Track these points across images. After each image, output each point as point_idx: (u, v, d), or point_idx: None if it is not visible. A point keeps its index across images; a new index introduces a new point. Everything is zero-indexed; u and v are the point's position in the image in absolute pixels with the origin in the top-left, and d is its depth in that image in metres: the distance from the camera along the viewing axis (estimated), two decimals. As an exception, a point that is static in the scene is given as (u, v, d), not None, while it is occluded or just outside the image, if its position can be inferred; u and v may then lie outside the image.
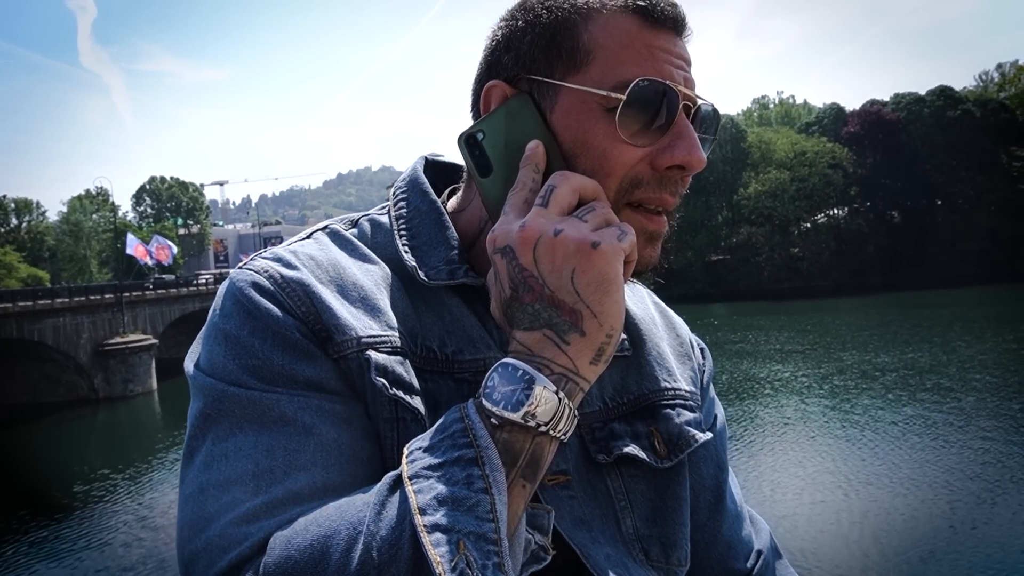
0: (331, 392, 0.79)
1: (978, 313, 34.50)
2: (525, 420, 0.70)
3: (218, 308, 0.83)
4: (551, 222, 0.74)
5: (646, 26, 0.83)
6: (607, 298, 0.73)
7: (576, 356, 0.73)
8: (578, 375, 0.73)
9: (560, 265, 0.72)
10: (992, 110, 60.41)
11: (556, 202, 0.76)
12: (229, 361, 0.79)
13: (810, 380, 21.65)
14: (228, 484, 0.73)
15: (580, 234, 0.73)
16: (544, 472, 0.73)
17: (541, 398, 0.70)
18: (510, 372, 0.72)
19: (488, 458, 0.68)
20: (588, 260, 0.72)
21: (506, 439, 0.70)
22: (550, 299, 0.73)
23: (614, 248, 0.73)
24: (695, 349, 1.11)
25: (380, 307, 0.84)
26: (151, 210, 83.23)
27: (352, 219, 0.96)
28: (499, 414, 0.70)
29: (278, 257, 0.86)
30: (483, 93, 0.87)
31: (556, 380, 0.72)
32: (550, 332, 0.73)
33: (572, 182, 0.78)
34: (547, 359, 0.72)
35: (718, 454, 1.05)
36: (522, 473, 0.71)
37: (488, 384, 0.72)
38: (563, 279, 0.72)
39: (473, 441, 0.69)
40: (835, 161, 59.05)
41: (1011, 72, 68.67)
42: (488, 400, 0.71)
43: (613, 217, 0.77)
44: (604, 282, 0.72)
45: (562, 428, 0.72)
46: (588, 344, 0.73)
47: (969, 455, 13.59)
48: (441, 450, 0.69)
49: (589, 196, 0.79)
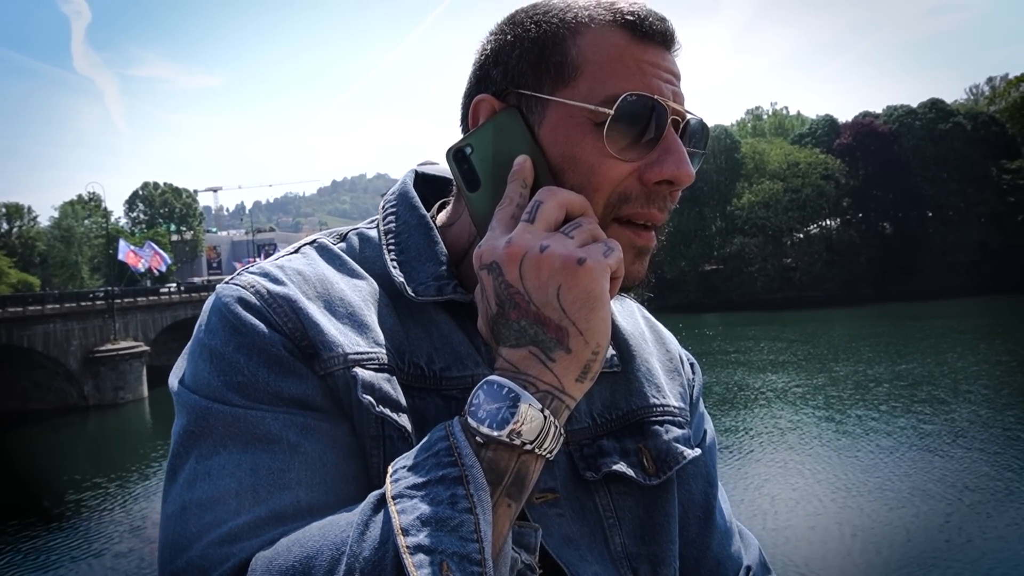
0: (317, 409, 0.78)
1: (969, 324, 34.62)
2: (510, 438, 0.69)
3: (203, 324, 0.82)
4: (537, 238, 0.74)
5: (635, 41, 0.82)
6: (593, 315, 0.72)
7: (562, 373, 0.72)
8: (564, 393, 0.73)
9: (546, 282, 0.72)
10: (982, 123, 60.84)
11: (543, 218, 0.76)
12: (214, 378, 0.78)
13: (803, 391, 21.67)
14: (211, 503, 0.72)
15: (566, 250, 0.72)
16: (530, 490, 0.73)
17: (526, 416, 0.70)
18: (495, 390, 0.71)
19: (473, 477, 0.67)
20: (574, 277, 0.71)
21: (491, 457, 0.69)
22: (536, 316, 0.72)
23: (600, 264, 0.73)
24: (685, 364, 1.10)
25: (367, 323, 0.83)
26: (144, 216, 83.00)
27: (341, 233, 0.96)
28: (484, 432, 0.69)
29: (265, 272, 0.85)
30: (471, 107, 0.87)
31: (542, 398, 0.72)
32: (536, 349, 0.72)
33: (559, 197, 0.78)
34: (533, 376, 0.72)
35: (708, 470, 1.05)
36: (507, 492, 0.70)
37: (473, 402, 0.72)
38: (549, 296, 0.72)
39: (458, 460, 0.68)
40: (828, 172, 59.31)
41: (1001, 86, 69.37)
42: (473, 418, 0.71)
43: (600, 233, 0.77)
44: (590, 299, 0.72)
45: (548, 446, 0.72)
46: (574, 361, 0.72)
47: (964, 467, 13.60)
48: (425, 469, 0.68)
49: (576, 211, 0.79)
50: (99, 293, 33.13)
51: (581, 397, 0.75)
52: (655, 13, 0.85)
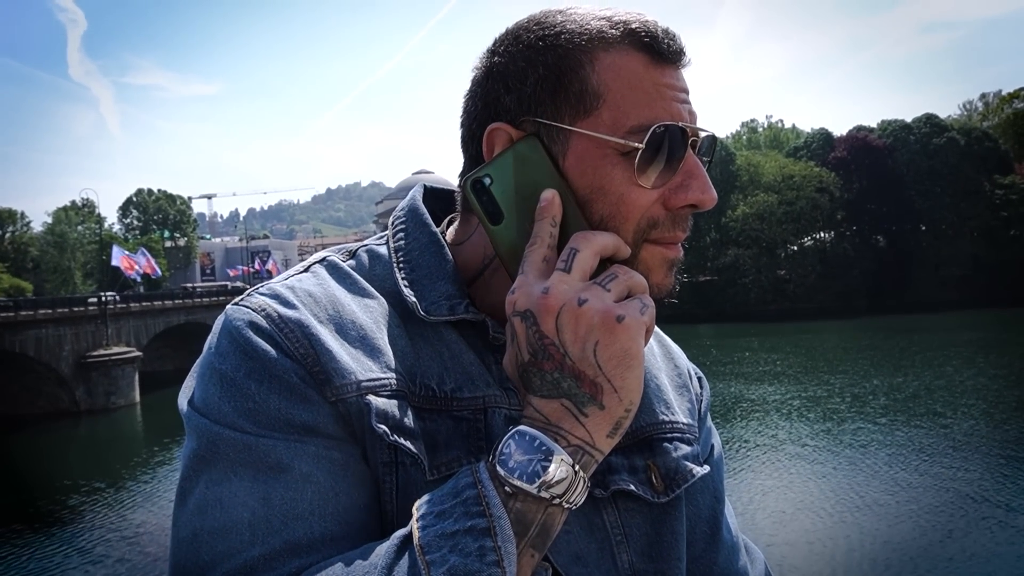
0: (328, 437, 0.77)
1: (964, 338, 34.65)
2: (539, 491, 0.69)
3: (213, 345, 0.81)
4: (574, 289, 0.73)
5: (652, 64, 0.81)
6: (629, 373, 0.72)
7: (594, 429, 0.72)
8: (594, 447, 0.72)
9: (584, 337, 0.71)
10: (976, 138, 61.15)
11: (579, 267, 0.75)
12: (224, 403, 0.77)
13: (799, 403, 21.66)
14: (224, 532, 0.72)
15: (604, 306, 0.72)
16: (552, 540, 0.73)
17: (558, 471, 0.70)
18: (527, 441, 0.71)
19: (501, 529, 0.67)
20: (612, 334, 0.71)
21: (519, 509, 0.69)
22: (571, 370, 0.72)
23: (638, 322, 0.72)
24: (693, 379, 1.10)
25: (379, 346, 0.83)
26: (137, 222, 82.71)
27: (350, 250, 0.95)
28: (514, 483, 0.69)
29: (276, 294, 0.84)
30: (486, 136, 0.84)
31: (573, 452, 0.71)
32: (568, 403, 0.72)
33: (594, 244, 0.77)
34: (564, 430, 0.72)
35: (715, 485, 1.04)
36: (532, 543, 0.70)
37: (504, 451, 0.71)
38: (586, 351, 0.71)
39: (486, 510, 0.68)
40: (822, 185, 59.52)
41: (994, 102, 69.85)
42: (503, 467, 0.70)
43: (635, 283, 0.76)
44: (627, 357, 0.71)
45: (575, 499, 0.72)
46: (607, 418, 0.72)
47: (964, 482, 13.53)
48: (454, 518, 0.68)
49: (609, 253, 0.78)
50: (93, 298, 32.98)
51: (609, 451, 0.75)
52: (667, 31, 0.83)
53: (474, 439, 0.82)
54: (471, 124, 0.87)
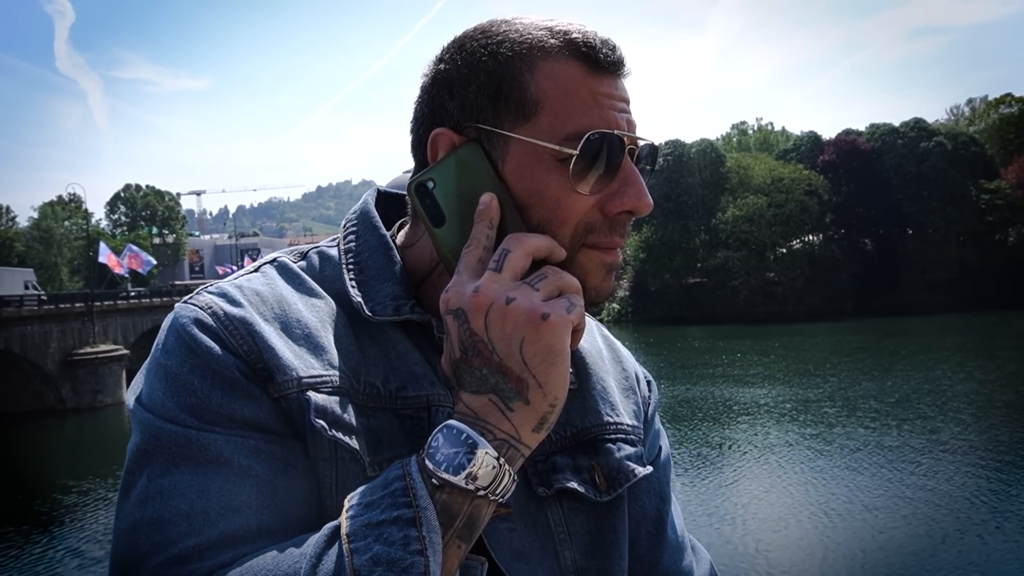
0: (270, 432, 0.79)
1: (951, 341, 34.84)
2: (466, 483, 0.71)
3: (161, 343, 0.84)
4: (504, 289, 0.76)
5: (590, 73, 0.84)
6: (553, 369, 0.74)
7: (519, 423, 0.75)
8: (520, 442, 0.75)
9: (510, 334, 0.74)
10: (963, 143, 61.57)
11: (509, 267, 0.77)
12: (168, 398, 0.79)
13: (787, 405, 21.67)
14: (161, 523, 0.74)
15: (531, 304, 0.74)
16: (480, 531, 0.75)
17: (482, 463, 0.72)
18: (454, 435, 0.73)
19: (426, 519, 0.69)
20: (537, 331, 0.74)
21: (445, 500, 0.71)
22: (498, 366, 0.74)
23: (563, 320, 0.75)
24: (641, 382, 1.12)
25: (323, 345, 0.85)
26: (125, 218, 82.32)
27: (302, 251, 0.97)
28: (441, 476, 0.71)
29: (223, 292, 0.86)
30: (430, 141, 0.87)
31: (498, 446, 0.74)
32: (496, 398, 0.75)
33: (526, 246, 0.79)
34: (491, 424, 0.74)
35: (660, 486, 1.07)
36: (458, 534, 0.72)
37: (432, 444, 0.73)
38: (512, 348, 0.74)
39: (413, 501, 0.70)
40: (811, 188, 59.78)
41: (981, 107, 70.40)
42: (431, 460, 0.72)
43: (565, 283, 0.79)
44: (551, 353, 0.74)
45: (500, 491, 0.74)
46: (532, 413, 0.75)
47: (955, 486, 13.51)
48: (381, 508, 0.70)
49: (542, 254, 0.81)
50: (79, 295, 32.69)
51: (535, 447, 0.77)
52: (607, 42, 0.86)
53: (418, 437, 0.83)
54: (418, 129, 0.90)
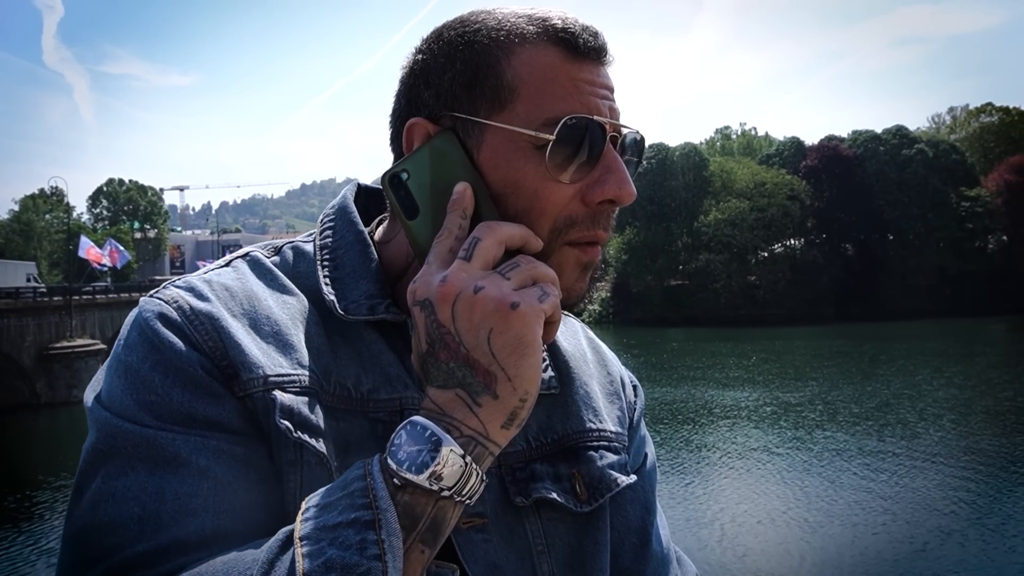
0: (232, 433, 0.75)
1: (931, 347, 35.13)
2: (429, 483, 0.67)
3: (123, 338, 0.80)
4: (472, 278, 0.72)
5: (569, 58, 0.81)
6: (523, 361, 0.70)
7: (487, 419, 0.71)
8: (488, 439, 0.71)
9: (477, 324, 0.70)
10: (943, 151, 62.20)
11: (480, 256, 0.74)
12: (127, 396, 0.76)
13: (771, 409, 21.71)
14: (111, 527, 0.70)
15: (500, 293, 0.71)
16: (446, 535, 0.71)
17: (447, 461, 0.68)
18: (418, 431, 0.69)
19: (386, 522, 0.65)
20: (506, 321, 0.70)
21: (407, 502, 0.67)
22: (465, 358, 0.71)
23: (534, 310, 0.71)
24: (626, 387, 1.08)
25: (293, 343, 0.81)
26: (107, 212, 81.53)
27: (276, 246, 0.93)
28: (403, 475, 0.67)
29: (191, 286, 0.82)
30: (405, 131, 0.85)
31: (464, 443, 0.70)
32: (463, 392, 0.71)
33: (498, 234, 0.76)
34: (457, 420, 0.70)
35: (645, 496, 1.02)
36: (421, 537, 0.68)
37: (395, 442, 0.69)
38: (479, 339, 0.70)
39: (372, 502, 0.65)
40: (793, 193, 60.17)
41: (962, 116, 71.38)
42: (393, 459, 0.68)
43: (539, 272, 0.75)
44: (521, 345, 0.70)
45: (467, 492, 0.69)
46: (500, 408, 0.71)
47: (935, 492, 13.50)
48: (338, 510, 0.66)
49: (516, 244, 0.77)
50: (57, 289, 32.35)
51: (506, 444, 0.73)
52: (588, 28, 0.83)
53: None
54: (396, 121, 0.88)
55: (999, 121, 67.13)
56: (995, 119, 67.60)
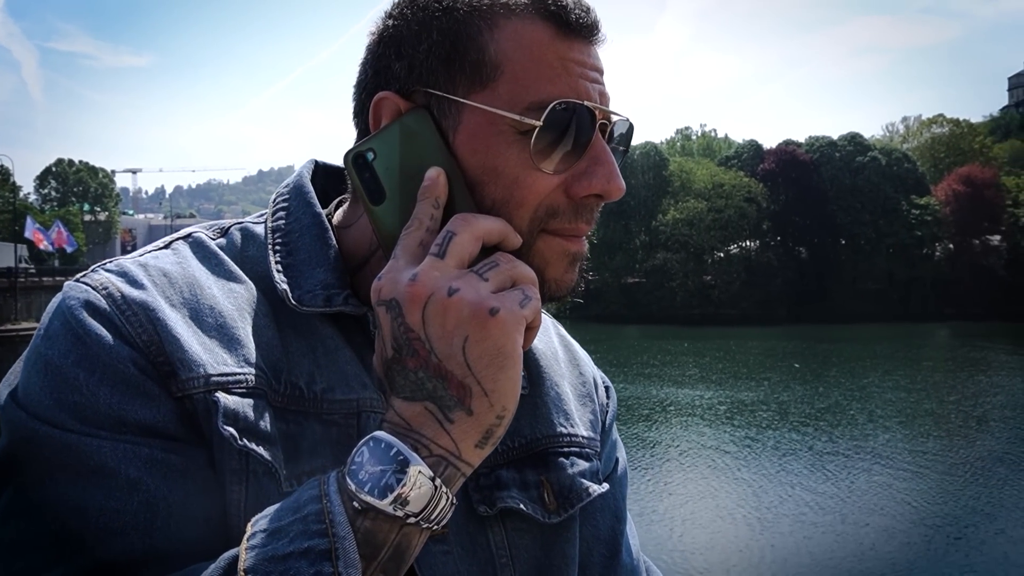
0: (167, 438, 0.67)
1: (880, 350, 35.94)
2: (394, 508, 0.60)
3: (43, 328, 0.71)
4: (446, 278, 0.65)
5: (559, 36, 0.74)
6: (501, 374, 0.63)
7: (460, 438, 0.64)
8: (460, 459, 0.64)
9: (452, 331, 0.63)
10: (896, 159, 63.66)
11: (454, 252, 0.66)
12: (46, 395, 0.67)
13: (724, 408, 21.94)
14: (24, 547, 0.62)
15: (477, 296, 0.64)
16: (409, 564, 0.64)
17: (415, 483, 0.61)
18: (382, 449, 0.62)
19: (344, 551, 0.58)
20: (483, 329, 0.63)
21: (368, 528, 0.60)
22: (436, 368, 0.63)
23: (514, 316, 0.64)
24: (599, 388, 1.02)
25: (239, 337, 0.73)
26: (56, 193, 79.07)
27: (222, 227, 0.85)
28: (363, 499, 0.60)
29: (123, 271, 0.74)
30: (372, 106, 0.77)
31: (434, 464, 0.63)
32: (432, 406, 0.64)
33: (475, 228, 0.68)
34: (426, 438, 0.63)
35: (616, 504, 0.96)
36: (383, 567, 0.61)
37: (356, 459, 0.62)
38: (453, 347, 0.63)
39: (329, 529, 0.59)
40: (750, 195, 61.01)
41: (915, 126, 73.31)
42: (353, 479, 0.61)
43: (519, 273, 0.68)
44: (500, 355, 0.63)
45: (436, 518, 0.63)
46: (475, 425, 0.64)
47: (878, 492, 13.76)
48: (289, 537, 0.59)
49: (494, 241, 0.70)
50: (2, 270, 31.43)
51: (478, 465, 0.66)
52: (579, 2, 0.76)
53: (345, 448, 0.69)
54: (361, 94, 0.80)
55: (949, 132, 69.11)
56: (946, 130, 69.59)
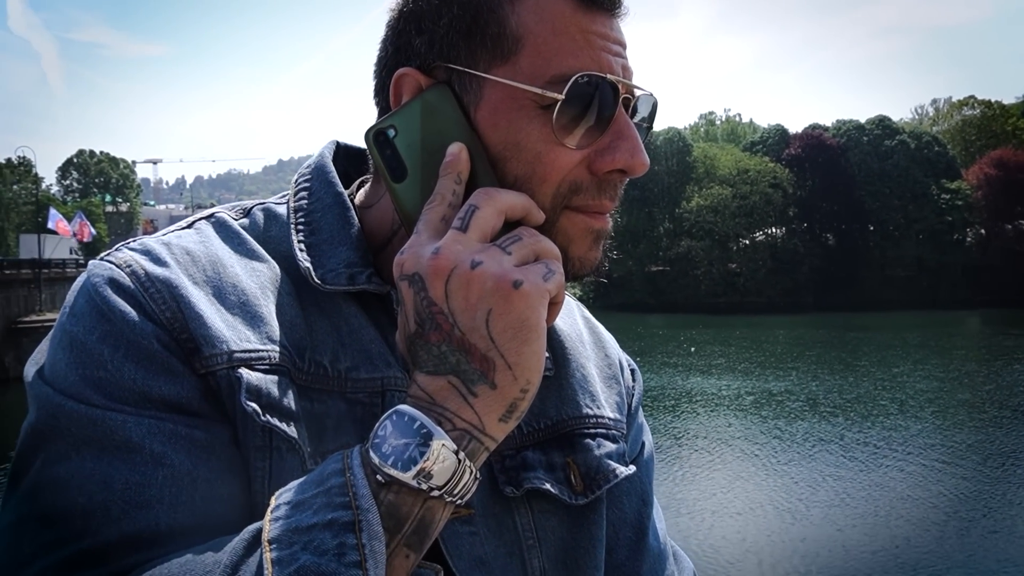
0: (192, 414, 0.68)
1: (910, 339, 35.24)
2: (417, 482, 0.60)
3: (69, 305, 0.72)
4: (469, 251, 0.65)
5: (580, 8, 0.73)
6: (525, 347, 0.63)
7: (484, 411, 0.64)
8: (484, 433, 0.64)
9: (475, 304, 0.63)
10: (926, 143, 62.44)
11: (477, 226, 0.67)
12: (72, 371, 0.68)
13: (752, 398, 21.52)
14: (53, 519, 0.63)
15: (501, 269, 0.64)
16: (433, 538, 0.64)
17: (438, 457, 0.61)
18: (406, 423, 0.62)
19: (367, 523, 0.58)
20: (507, 302, 0.63)
21: (392, 501, 0.61)
22: (460, 342, 0.63)
23: (538, 289, 0.64)
24: (625, 370, 1.02)
25: (262, 315, 0.74)
26: (78, 184, 79.96)
27: (245, 207, 0.85)
28: (387, 472, 0.61)
29: (147, 249, 0.74)
30: (393, 83, 0.77)
31: (458, 437, 0.63)
32: (456, 380, 0.64)
33: (497, 202, 0.69)
34: (450, 411, 0.63)
35: (643, 487, 0.96)
36: (407, 541, 0.61)
37: (379, 433, 0.62)
38: (477, 321, 0.63)
39: (352, 501, 0.59)
40: (776, 181, 60.13)
41: (945, 108, 71.75)
42: (376, 452, 0.61)
43: (542, 247, 0.68)
44: (524, 328, 0.63)
45: (459, 492, 0.63)
46: (499, 399, 0.64)
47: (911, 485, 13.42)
48: (313, 509, 0.59)
49: (517, 215, 0.70)
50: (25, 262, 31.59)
51: (503, 439, 0.66)
52: None
53: (369, 426, 0.68)
54: (381, 71, 0.80)
55: (981, 114, 67.52)
56: (977, 112, 68.00)
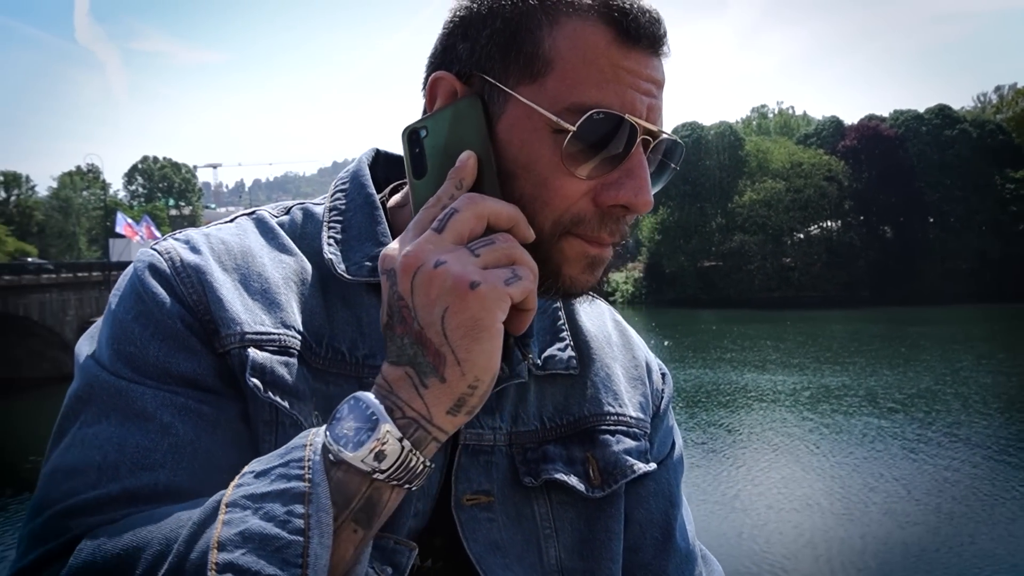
0: (204, 390, 0.74)
1: (974, 333, 34.37)
2: (362, 464, 0.64)
3: (117, 288, 0.81)
4: (437, 251, 0.67)
5: (616, 41, 0.73)
6: (476, 345, 0.65)
7: (432, 403, 0.66)
8: (431, 423, 0.67)
9: (434, 300, 0.66)
10: (989, 132, 60.71)
11: (453, 228, 0.69)
12: (108, 346, 0.76)
13: (809, 394, 21.34)
14: (74, 472, 0.70)
15: (461, 271, 0.66)
16: (384, 519, 0.67)
17: (384, 442, 0.64)
18: (361, 408, 0.66)
19: (316, 496, 0.62)
20: (463, 301, 0.65)
21: (340, 479, 0.64)
22: (418, 335, 0.67)
23: (495, 292, 0.66)
24: (653, 373, 1.04)
25: (280, 302, 0.79)
26: (143, 189, 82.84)
27: (286, 206, 0.92)
28: (336, 451, 0.64)
29: (188, 239, 0.82)
30: (429, 82, 0.80)
31: (404, 425, 0.66)
32: (411, 371, 0.67)
33: (479, 207, 0.70)
34: (402, 400, 0.67)
35: (670, 488, 0.97)
36: (354, 517, 0.65)
37: (336, 415, 0.66)
38: (434, 316, 0.66)
39: (307, 475, 0.63)
40: (831, 174, 59.14)
41: (1010, 95, 69.32)
42: (331, 433, 0.65)
43: (516, 255, 0.70)
44: (476, 328, 0.65)
45: (405, 478, 0.66)
46: (447, 392, 0.66)
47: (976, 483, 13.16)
48: (272, 478, 0.63)
49: (502, 225, 0.71)
50: (96, 264, 32.97)
51: (453, 431, 0.69)
52: (647, 10, 0.75)
53: None
54: (429, 67, 0.83)
55: (1047, 101, 65.17)
56: (1043, 98, 65.63)
